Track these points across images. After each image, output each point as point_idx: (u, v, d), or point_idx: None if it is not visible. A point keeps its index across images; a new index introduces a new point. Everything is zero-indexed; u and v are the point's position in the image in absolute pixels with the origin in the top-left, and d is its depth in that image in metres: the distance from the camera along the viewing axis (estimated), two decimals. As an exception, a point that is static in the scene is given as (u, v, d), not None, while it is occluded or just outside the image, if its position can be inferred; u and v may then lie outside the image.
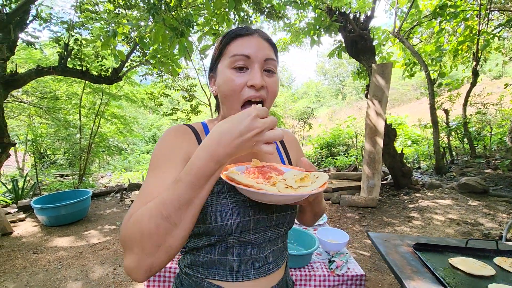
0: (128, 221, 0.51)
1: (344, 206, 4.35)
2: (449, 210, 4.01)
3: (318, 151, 10.17)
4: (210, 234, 0.63)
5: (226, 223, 0.61)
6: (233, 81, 0.60)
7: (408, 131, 9.57)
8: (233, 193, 0.64)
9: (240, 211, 0.62)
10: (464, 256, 1.17)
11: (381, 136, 4.56)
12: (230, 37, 0.64)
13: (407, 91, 23.07)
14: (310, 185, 0.55)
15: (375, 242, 1.33)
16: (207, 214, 0.61)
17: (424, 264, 1.11)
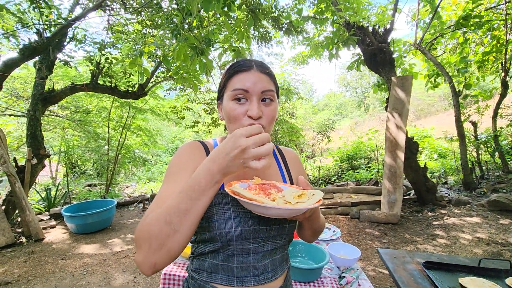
0: (142, 222, 0.59)
1: (364, 222, 4.24)
2: (478, 229, 3.79)
3: (338, 164, 9.99)
4: (214, 241, 0.70)
5: (228, 231, 0.68)
6: (234, 110, 0.70)
7: (434, 144, 9.19)
8: (235, 204, 0.71)
9: (241, 221, 0.69)
10: (476, 276, 1.14)
11: (402, 150, 4.45)
12: (231, 72, 0.73)
13: (434, 102, 22.17)
14: (307, 201, 0.60)
15: (383, 258, 1.32)
16: (212, 222, 0.68)
17: (432, 283, 1.09)
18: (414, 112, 20.18)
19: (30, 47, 4.01)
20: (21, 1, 4.61)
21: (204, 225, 0.70)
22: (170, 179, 0.69)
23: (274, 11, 5.77)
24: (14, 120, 7.00)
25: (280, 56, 16.82)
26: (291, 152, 0.93)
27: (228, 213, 0.69)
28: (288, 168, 0.87)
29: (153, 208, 0.62)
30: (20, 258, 3.11)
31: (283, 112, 11.56)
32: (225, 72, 0.75)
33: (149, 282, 2.64)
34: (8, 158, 3.53)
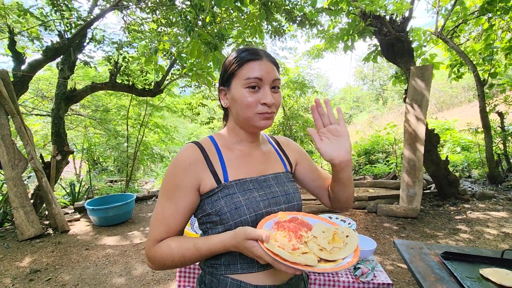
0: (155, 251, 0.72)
1: (381, 216, 4.15)
2: (504, 223, 3.61)
3: (355, 158, 9.80)
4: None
5: (243, 218, 0.69)
6: (249, 98, 0.72)
7: (457, 137, 8.81)
8: (243, 191, 0.73)
9: (254, 207, 0.71)
10: (499, 267, 1.09)
11: (421, 142, 4.30)
12: (242, 60, 0.74)
13: (457, 94, 21.18)
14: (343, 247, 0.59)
15: (399, 249, 1.29)
16: (223, 214, 0.70)
17: (451, 273, 1.06)
18: (435, 104, 19.42)
19: (53, 49, 4.18)
20: (43, 4, 4.80)
21: (215, 220, 0.71)
22: (171, 199, 0.72)
23: (287, 4, 5.69)
24: (40, 120, 7.36)
25: (294, 50, 16.58)
26: (282, 137, 0.98)
27: (238, 202, 0.70)
28: (285, 154, 0.92)
29: (159, 231, 0.72)
30: (48, 248, 3.28)
31: (298, 106, 11.44)
32: (234, 60, 0.75)
33: (167, 272, 2.71)
34: (35, 154, 3.72)
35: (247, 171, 0.77)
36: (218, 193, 0.71)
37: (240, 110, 0.74)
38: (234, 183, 0.73)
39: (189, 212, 0.73)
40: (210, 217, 0.72)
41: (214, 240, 0.67)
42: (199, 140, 0.78)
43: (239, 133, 0.80)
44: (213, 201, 0.71)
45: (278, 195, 0.77)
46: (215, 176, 0.72)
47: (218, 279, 0.72)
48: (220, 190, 0.71)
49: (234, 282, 0.71)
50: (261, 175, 0.78)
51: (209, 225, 0.74)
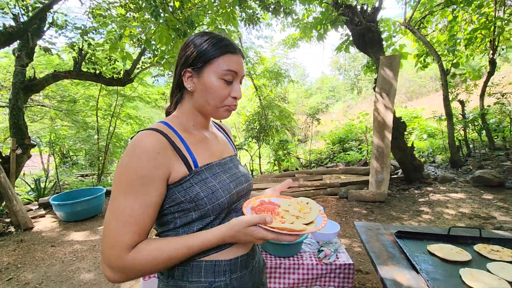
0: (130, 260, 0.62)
1: (352, 201, 4.32)
2: (461, 204, 3.89)
3: (330, 146, 10.06)
4: (204, 217, 0.70)
5: (221, 201, 0.70)
6: (223, 90, 0.72)
7: (424, 125, 9.28)
8: (213, 176, 0.73)
9: (227, 188, 0.73)
10: (446, 243, 1.17)
11: (389, 130, 4.48)
12: (223, 50, 0.72)
13: (425, 83, 22.20)
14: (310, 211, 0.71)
15: (358, 231, 1.35)
16: (200, 200, 0.68)
17: (401, 251, 1.12)
18: (405, 93, 20.22)
19: (6, 33, 3.84)
20: (-6, -16, 4.38)
21: (188, 207, 0.69)
22: (132, 191, 0.63)
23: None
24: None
25: (270, 39, 16.46)
26: (225, 125, 1.01)
27: (213, 186, 0.71)
28: (230, 139, 0.96)
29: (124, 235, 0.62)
30: (9, 247, 3.10)
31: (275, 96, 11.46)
32: (211, 46, 0.72)
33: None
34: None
35: (210, 155, 0.77)
36: (190, 180, 0.69)
37: (211, 99, 0.73)
38: (204, 168, 0.72)
39: (159, 206, 0.68)
40: (181, 205, 0.69)
41: (209, 236, 0.66)
42: (153, 126, 0.70)
43: (196, 117, 0.78)
44: (185, 188, 0.68)
45: (239, 176, 0.81)
46: (186, 163, 0.70)
47: (191, 265, 0.71)
48: (192, 177, 0.69)
49: (208, 263, 0.71)
50: (222, 158, 0.80)
51: (177, 214, 0.70)
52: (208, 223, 0.71)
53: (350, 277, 1.48)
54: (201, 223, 0.71)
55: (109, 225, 0.62)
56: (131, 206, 0.62)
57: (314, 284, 1.51)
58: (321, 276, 1.50)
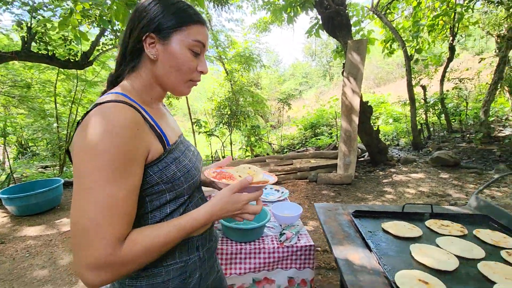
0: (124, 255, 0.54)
1: (321, 184, 4.41)
2: (421, 183, 4.12)
3: (302, 132, 10.21)
4: (178, 197, 0.68)
5: (195, 179, 0.70)
6: (191, 62, 0.66)
7: (390, 110, 9.67)
8: (182, 154, 0.70)
9: (196, 166, 0.73)
10: (400, 220, 1.19)
11: (356, 114, 4.57)
12: (193, 18, 0.66)
13: (392, 70, 23.08)
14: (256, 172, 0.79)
15: (318, 212, 1.34)
16: (177, 180, 0.65)
17: (357, 230, 1.12)
18: (373, 79, 20.94)
19: None
20: None
21: (163, 188, 0.64)
22: (114, 176, 0.53)
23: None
24: None
25: (241, 23, 16.12)
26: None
27: (186, 164, 0.68)
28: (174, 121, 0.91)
29: (113, 227, 0.52)
30: (-49, 247, 2.81)
31: (247, 82, 11.29)
32: (181, 10, 0.65)
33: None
34: None
35: (174, 133, 0.72)
36: (165, 159, 0.63)
37: (176, 71, 0.66)
38: (175, 146, 0.68)
39: (139, 188, 0.59)
40: (155, 187, 0.62)
41: (200, 213, 0.63)
42: (116, 99, 0.58)
43: (155, 90, 0.70)
44: (161, 168, 0.62)
45: (196, 154, 0.80)
46: (161, 141, 0.63)
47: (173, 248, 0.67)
48: (166, 156, 0.64)
49: (182, 242, 0.67)
50: (180, 135, 0.76)
51: (151, 197, 0.64)
52: (181, 203, 0.68)
53: (311, 258, 1.48)
54: (174, 204, 0.67)
55: (90, 219, 0.51)
56: (117, 193, 0.53)
57: (275, 267, 1.50)
58: (282, 259, 1.48)
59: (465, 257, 0.91)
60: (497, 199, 3.42)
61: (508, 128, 5.82)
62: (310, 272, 1.51)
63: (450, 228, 1.11)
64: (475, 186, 3.82)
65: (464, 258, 0.91)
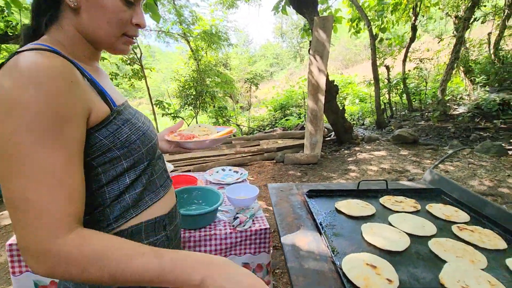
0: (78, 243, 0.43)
1: (288, 165, 4.38)
2: (383, 161, 4.24)
3: (272, 113, 10.14)
4: (137, 164, 0.59)
5: (153, 143, 0.63)
6: (124, 13, 0.55)
7: (357, 90, 9.87)
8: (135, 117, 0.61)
9: (152, 130, 0.65)
10: (355, 198, 1.12)
11: (323, 93, 4.54)
12: None
13: (360, 52, 23.58)
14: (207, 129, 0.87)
15: (270, 193, 1.24)
16: (133, 143, 0.56)
17: (309, 211, 1.03)
18: (342, 60, 21.32)
19: None
20: None
21: (118, 155, 0.55)
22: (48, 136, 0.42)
23: None
24: None
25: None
26: None
27: (141, 126, 0.60)
28: None
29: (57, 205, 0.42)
30: None
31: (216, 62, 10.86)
32: None
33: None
34: None
35: (119, 95, 0.63)
36: (114, 120, 0.54)
37: (105, 23, 0.54)
38: (123, 107, 0.59)
39: (82, 157, 0.48)
40: (108, 154, 0.54)
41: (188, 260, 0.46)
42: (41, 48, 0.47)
43: (85, 47, 0.58)
44: (112, 131, 0.53)
45: (148, 120, 0.70)
46: (105, 99, 0.54)
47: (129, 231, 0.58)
48: (115, 117, 0.55)
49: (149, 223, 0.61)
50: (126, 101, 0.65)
51: (104, 167, 0.54)
52: (142, 171, 0.60)
53: (266, 241, 1.40)
54: (134, 173, 0.58)
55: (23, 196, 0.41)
56: (53, 160, 0.42)
57: (228, 254, 1.40)
58: (236, 244, 1.38)
59: (416, 234, 0.85)
60: (450, 173, 3.61)
61: (462, 107, 6.17)
62: (266, 257, 1.43)
63: (404, 204, 1.06)
64: (431, 162, 4.01)
65: (416, 236, 0.85)
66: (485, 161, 3.84)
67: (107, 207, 0.55)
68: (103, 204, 0.55)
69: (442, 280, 0.65)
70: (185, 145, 0.82)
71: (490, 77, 6.31)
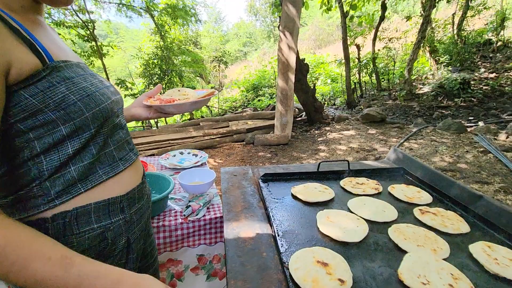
0: None
1: (258, 146, 4.28)
2: (352, 140, 4.27)
3: (244, 94, 9.91)
4: (81, 131, 0.51)
5: (103, 107, 0.54)
6: None
7: (328, 70, 9.87)
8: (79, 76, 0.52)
9: (105, 93, 0.57)
10: (314, 181, 1.02)
11: (293, 72, 4.40)
12: None
13: (332, 32, 23.57)
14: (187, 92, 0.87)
15: (222, 178, 1.10)
16: (72, 105, 0.48)
17: (262, 198, 0.91)
18: (315, 40, 21.27)
19: None
20: None
21: (53, 118, 0.47)
22: None
23: None
24: None
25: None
26: None
27: (86, 87, 0.52)
28: None
29: None
30: None
31: (185, 40, 10.27)
32: None
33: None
34: None
35: (65, 53, 0.55)
36: (47, 77, 0.46)
37: None
38: (64, 65, 0.50)
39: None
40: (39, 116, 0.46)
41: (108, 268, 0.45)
42: None
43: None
44: (43, 89, 0.46)
45: (108, 84, 0.63)
46: (35, 51, 0.46)
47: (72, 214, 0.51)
48: (49, 73, 0.47)
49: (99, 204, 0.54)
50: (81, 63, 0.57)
51: (36, 132, 0.47)
52: (89, 139, 0.52)
53: (223, 230, 1.28)
54: (78, 142, 0.50)
55: None
56: None
57: (180, 246, 1.26)
58: (188, 235, 1.25)
59: (376, 221, 0.76)
60: (414, 150, 3.70)
61: (427, 86, 6.36)
62: (223, 247, 1.32)
63: (365, 186, 0.97)
64: (397, 140, 4.09)
65: (375, 223, 0.76)
66: (446, 138, 3.98)
67: (46, 180, 0.49)
68: (41, 177, 0.48)
69: (401, 276, 0.56)
70: (165, 109, 0.78)
71: (453, 57, 6.52)
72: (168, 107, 0.77)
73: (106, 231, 0.55)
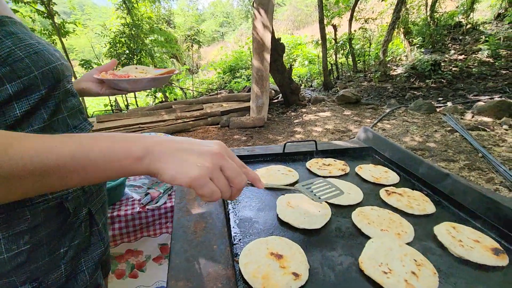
0: None
1: (233, 129, 4.17)
2: (327, 121, 4.27)
3: (221, 76, 9.62)
4: (30, 91, 0.46)
5: (52, 66, 0.49)
6: None
7: (306, 51, 9.76)
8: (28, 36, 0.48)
9: (53, 53, 0.52)
10: (279, 163, 0.95)
11: (268, 51, 4.26)
12: None
13: (311, 13, 23.25)
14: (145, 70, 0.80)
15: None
16: (19, 61, 0.44)
17: (221, 183, 0.83)
18: (293, 21, 20.95)
19: None
20: None
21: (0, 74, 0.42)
22: None
23: None
24: None
25: None
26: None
27: (33, 44, 0.48)
28: None
29: None
30: None
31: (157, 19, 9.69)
32: None
33: None
34: None
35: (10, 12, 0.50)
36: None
37: None
38: (9, 20, 0.46)
39: None
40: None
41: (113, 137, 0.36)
42: None
43: None
44: None
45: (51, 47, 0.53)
46: None
47: None
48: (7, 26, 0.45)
49: None
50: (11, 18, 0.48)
51: None
52: (38, 102, 0.46)
53: (186, 218, 1.20)
54: (26, 103, 0.45)
55: None
56: None
57: (140, 236, 1.17)
58: (147, 225, 1.16)
59: (340, 204, 0.71)
60: (387, 130, 3.77)
61: (401, 67, 6.46)
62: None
63: (332, 167, 0.91)
64: (371, 121, 4.14)
65: (339, 206, 0.71)
66: (417, 118, 4.08)
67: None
68: None
69: (362, 265, 0.51)
70: (119, 85, 0.71)
71: (425, 39, 6.62)
72: (122, 82, 0.70)
73: (64, 201, 0.52)
